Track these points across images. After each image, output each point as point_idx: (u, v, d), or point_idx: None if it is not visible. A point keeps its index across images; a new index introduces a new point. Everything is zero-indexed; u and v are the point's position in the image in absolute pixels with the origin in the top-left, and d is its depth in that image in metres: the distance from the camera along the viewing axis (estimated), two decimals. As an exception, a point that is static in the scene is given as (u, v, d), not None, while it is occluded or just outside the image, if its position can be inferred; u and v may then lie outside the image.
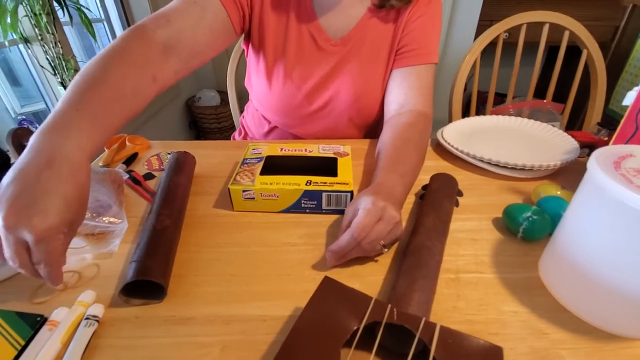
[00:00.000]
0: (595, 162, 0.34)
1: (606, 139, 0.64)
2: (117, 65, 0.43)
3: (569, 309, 0.37)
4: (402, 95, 0.67)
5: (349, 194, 0.49)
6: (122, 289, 0.36)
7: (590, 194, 0.35)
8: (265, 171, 0.53)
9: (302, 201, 0.50)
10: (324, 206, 0.51)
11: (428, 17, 0.66)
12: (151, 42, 0.49)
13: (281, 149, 0.59)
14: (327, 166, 0.54)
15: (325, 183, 0.50)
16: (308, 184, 0.50)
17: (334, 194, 0.49)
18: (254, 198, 0.51)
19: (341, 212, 0.51)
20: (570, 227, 0.37)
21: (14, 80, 1.37)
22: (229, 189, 0.50)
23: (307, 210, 0.52)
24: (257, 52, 0.70)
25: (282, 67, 0.68)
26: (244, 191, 0.50)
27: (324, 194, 0.49)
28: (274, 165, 0.55)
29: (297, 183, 0.50)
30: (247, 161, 0.56)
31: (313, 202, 0.50)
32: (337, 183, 0.50)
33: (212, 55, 0.60)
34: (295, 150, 0.59)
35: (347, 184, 0.50)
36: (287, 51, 0.67)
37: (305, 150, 0.59)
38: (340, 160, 0.55)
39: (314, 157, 0.57)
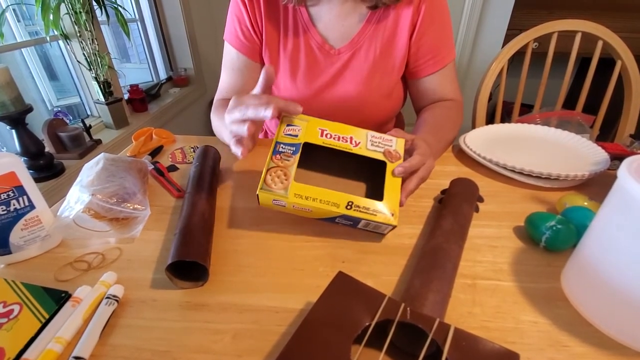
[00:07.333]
0: (627, 170, 0.32)
1: (639, 151, 0.62)
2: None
3: (593, 323, 0.35)
4: (432, 97, 0.73)
5: (389, 228, 0.44)
6: (169, 266, 0.38)
7: (619, 203, 0.33)
8: (301, 165, 0.45)
9: (337, 219, 0.44)
10: (359, 226, 0.45)
11: (437, 22, 0.66)
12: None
13: (322, 132, 0.46)
14: (373, 174, 0.47)
15: (368, 209, 0.42)
16: (349, 207, 0.42)
17: (374, 223, 0.43)
18: (284, 205, 0.43)
19: (375, 233, 0.47)
20: (596, 238, 0.36)
21: (52, 74, 1.45)
22: (257, 195, 0.42)
23: (340, 224, 0.46)
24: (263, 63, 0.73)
25: (286, 76, 0.70)
26: (274, 200, 0.43)
27: (363, 221, 0.43)
28: (311, 158, 0.47)
29: (337, 203, 0.42)
30: (281, 149, 0.45)
31: (349, 222, 0.45)
32: (380, 213, 0.43)
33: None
34: (339, 138, 0.46)
35: (393, 214, 0.43)
36: (287, 61, 0.69)
37: (351, 139, 0.46)
38: (389, 167, 0.45)
39: (361, 156, 0.46)
